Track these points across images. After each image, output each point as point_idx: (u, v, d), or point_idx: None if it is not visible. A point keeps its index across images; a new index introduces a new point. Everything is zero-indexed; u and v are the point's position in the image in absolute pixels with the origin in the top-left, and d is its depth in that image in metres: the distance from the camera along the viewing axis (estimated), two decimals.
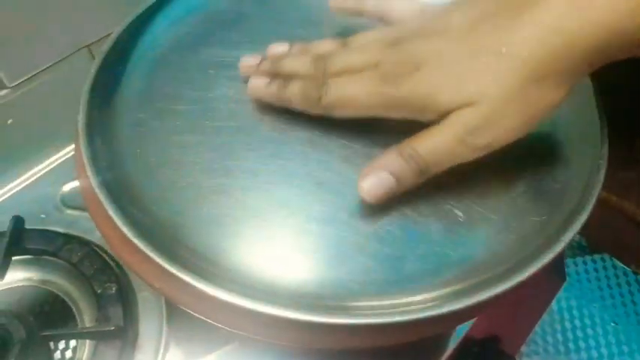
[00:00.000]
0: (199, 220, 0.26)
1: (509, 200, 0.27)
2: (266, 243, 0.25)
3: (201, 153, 0.28)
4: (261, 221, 0.26)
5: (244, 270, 0.24)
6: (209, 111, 0.30)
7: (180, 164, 0.28)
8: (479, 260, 0.25)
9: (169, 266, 0.22)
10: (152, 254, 0.23)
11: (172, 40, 0.34)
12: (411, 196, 0.27)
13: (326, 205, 0.27)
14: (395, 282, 0.24)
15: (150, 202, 0.26)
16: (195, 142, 0.29)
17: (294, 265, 0.25)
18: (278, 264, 0.25)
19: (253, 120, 0.30)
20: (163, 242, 0.24)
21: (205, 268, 0.24)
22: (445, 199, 0.27)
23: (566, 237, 0.24)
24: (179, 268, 0.22)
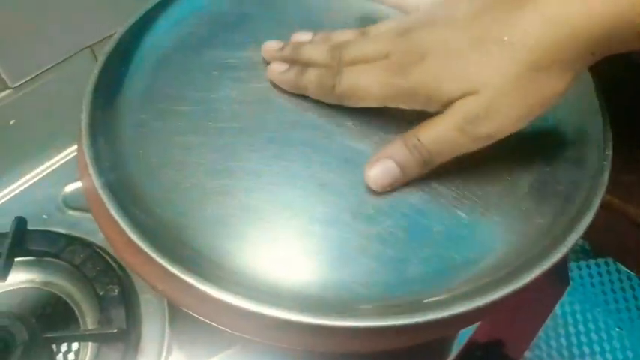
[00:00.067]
0: (202, 222, 0.26)
1: (512, 202, 0.27)
2: (269, 245, 0.25)
3: (204, 154, 0.28)
4: (264, 223, 0.26)
5: (247, 272, 0.24)
6: (212, 112, 0.30)
7: (183, 165, 0.28)
8: (482, 263, 0.25)
9: (172, 268, 0.22)
10: (155, 256, 0.23)
11: (175, 41, 0.34)
12: (415, 198, 0.27)
13: (329, 207, 0.26)
14: (398, 284, 0.24)
15: (153, 203, 0.26)
16: (198, 143, 0.29)
17: (297, 267, 0.25)
18: (281, 266, 0.25)
19: (256, 121, 0.30)
20: (166, 243, 0.24)
21: (208, 270, 0.23)
22: (449, 201, 0.27)
23: (570, 239, 0.24)
24: (182, 270, 0.22)
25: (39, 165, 0.42)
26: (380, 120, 0.29)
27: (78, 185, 0.39)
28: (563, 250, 0.24)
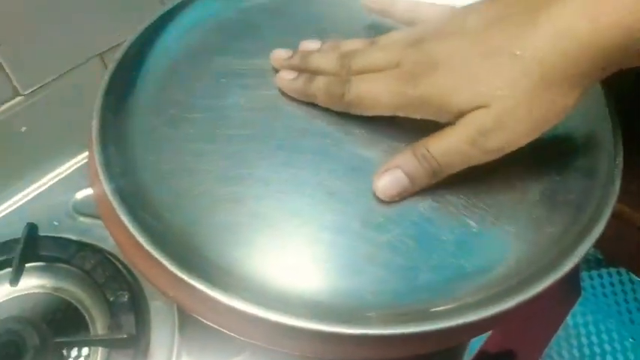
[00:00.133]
0: (212, 228, 0.26)
1: (523, 211, 0.27)
2: (279, 252, 0.25)
3: (213, 161, 0.28)
4: (273, 230, 0.26)
5: (256, 278, 0.24)
6: (221, 119, 0.30)
7: (192, 172, 0.28)
8: (493, 272, 0.25)
9: (182, 274, 0.22)
10: (165, 262, 0.23)
11: (184, 49, 0.34)
12: (424, 206, 0.27)
13: (338, 215, 0.26)
14: (407, 293, 0.24)
15: (163, 210, 0.26)
16: (207, 150, 0.29)
17: (306, 275, 0.25)
18: (290, 273, 0.25)
19: (265, 128, 0.30)
20: (176, 250, 0.24)
21: (217, 277, 0.23)
22: (458, 210, 0.27)
23: (582, 249, 0.24)
24: (191, 276, 0.22)
25: (50, 172, 0.42)
26: (389, 128, 0.29)
27: (88, 192, 0.40)
28: (574, 260, 0.24)
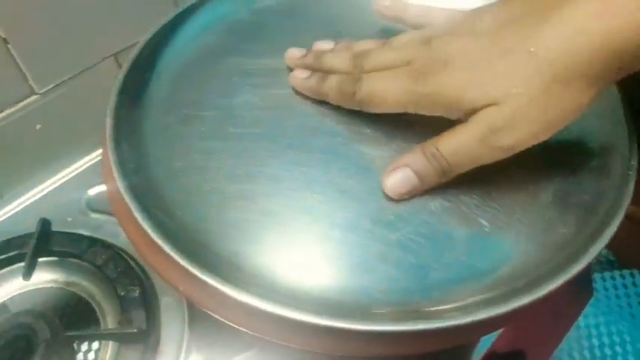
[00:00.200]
0: (223, 225, 0.26)
1: (536, 211, 0.27)
2: (289, 249, 0.25)
3: (225, 159, 0.29)
4: (283, 227, 0.26)
5: (267, 275, 0.24)
6: (233, 118, 0.30)
7: (204, 169, 0.28)
8: (504, 271, 0.25)
9: (193, 269, 0.23)
10: (176, 257, 0.23)
11: (197, 49, 0.35)
12: (436, 205, 0.27)
13: (349, 213, 0.26)
14: (418, 291, 0.24)
15: (175, 207, 0.27)
16: (219, 148, 0.29)
17: (316, 272, 0.25)
18: (300, 270, 0.25)
19: (276, 127, 0.30)
20: (187, 246, 0.24)
21: (229, 272, 0.24)
22: (470, 209, 0.26)
23: (594, 249, 0.24)
24: (203, 271, 0.22)
25: (63, 168, 0.43)
26: (399, 127, 0.29)
27: (101, 189, 0.40)
28: (586, 261, 0.24)
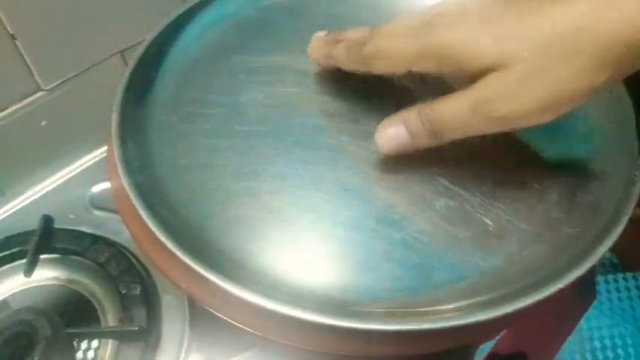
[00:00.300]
0: (227, 222, 0.26)
1: (540, 211, 0.26)
2: (293, 246, 0.25)
3: (230, 156, 0.29)
4: (288, 225, 0.26)
5: (270, 273, 0.24)
6: (238, 115, 0.30)
7: (209, 167, 0.28)
8: (508, 271, 0.25)
9: (196, 266, 0.23)
10: (179, 254, 0.23)
11: (203, 47, 0.35)
12: (441, 204, 0.26)
13: (353, 211, 0.26)
14: (422, 290, 0.24)
15: (179, 204, 0.27)
16: (224, 146, 0.29)
17: (319, 270, 0.25)
18: (303, 268, 0.25)
19: (282, 125, 0.30)
20: (191, 243, 0.24)
21: (231, 270, 0.23)
22: (475, 208, 0.26)
23: (599, 251, 0.24)
24: (205, 269, 0.22)
25: (67, 165, 0.43)
26: None
27: (104, 186, 0.40)
28: (590, 262, 0.23)
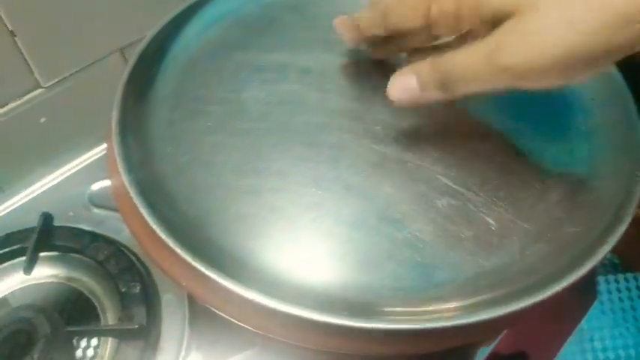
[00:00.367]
0: (228, 220, 0.26)
1: (542, 210, 0.26)
2: (294, 245, 0.25)
3: (231, 154, 0.28)
4: (289, 223, 0.26)
5: (270, 271, 0.24)
6: (240, 112, 0.30)
7: (210, 164, 0.28)
8: (510, 270, 0.25)
9: (196, 264, 0.22)
10: (180, 252, 0.23)
11: (205, 43, 0.35)
12: (443, 203, 0.26)
13: (355, 209, 0.26)
14: (423, 289, 0.24)
15: (180, 201, 0.26)
16: (225, 143, 0.29)
17: (321, 268, 0.25)
18: (305, 266, 0.25)
19: (284, 122, 0.30)
20: (191, 240, 0.24)
21: (232, 268, 0.23)
22: (477, 207, 0.26)
23: (600, 252, 0.24)
24: (206, 266, 0.22)
25: (67, 163, 0.43)
26: (409, 124, 0.29)
27: (104, 184, 0.40)
28: (592, 263, 0.23)
